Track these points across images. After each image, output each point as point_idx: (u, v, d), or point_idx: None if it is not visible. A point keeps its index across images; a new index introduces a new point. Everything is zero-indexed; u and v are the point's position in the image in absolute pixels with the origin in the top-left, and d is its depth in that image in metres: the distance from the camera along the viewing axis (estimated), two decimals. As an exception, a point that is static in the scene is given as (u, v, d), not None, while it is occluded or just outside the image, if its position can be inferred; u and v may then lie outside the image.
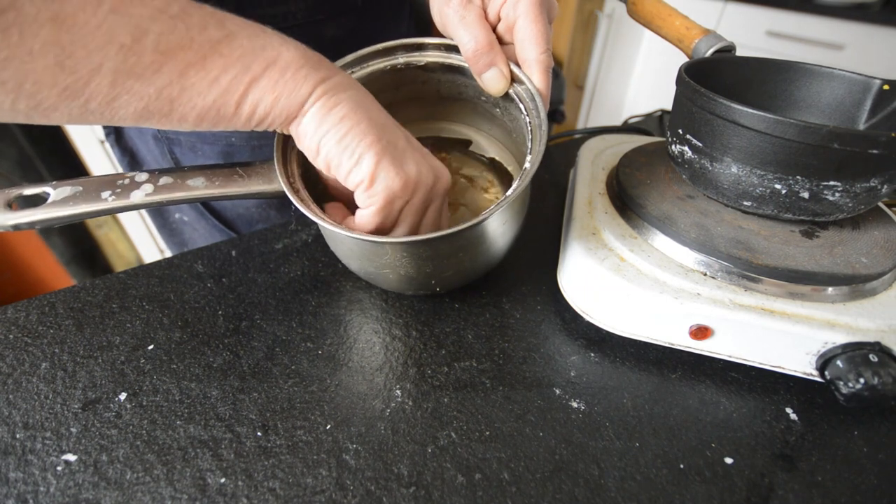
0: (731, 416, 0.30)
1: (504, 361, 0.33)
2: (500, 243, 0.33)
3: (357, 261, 0.33)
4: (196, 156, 0.49)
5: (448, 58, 0.35)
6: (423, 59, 0.35)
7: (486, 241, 0.32)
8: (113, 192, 0.28)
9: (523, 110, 0.32)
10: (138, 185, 0.29)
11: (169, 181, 0.29)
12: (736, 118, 0.30)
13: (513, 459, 0.27)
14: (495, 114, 0.38)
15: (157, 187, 0.29)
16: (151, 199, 0.28)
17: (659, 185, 0.38)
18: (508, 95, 0.33)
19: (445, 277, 0.33)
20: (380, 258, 0.31)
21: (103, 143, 1.17)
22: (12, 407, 0.28)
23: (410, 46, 0.35)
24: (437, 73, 0.37)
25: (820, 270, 0.30)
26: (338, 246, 0.34)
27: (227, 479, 0.26)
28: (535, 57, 0.31)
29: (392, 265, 0.31)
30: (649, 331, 0.32)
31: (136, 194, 0.28)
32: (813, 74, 0.38)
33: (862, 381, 0.27)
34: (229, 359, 0.32)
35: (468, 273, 0.34)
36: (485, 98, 0.37)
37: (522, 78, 0.32)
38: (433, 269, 0.31)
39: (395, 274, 0.32)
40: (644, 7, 0.42)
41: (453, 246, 0.31)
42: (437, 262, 0.31)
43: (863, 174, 0.29)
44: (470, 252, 0.32)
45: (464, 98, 0.39)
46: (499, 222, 0.31)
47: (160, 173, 0.29)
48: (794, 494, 0.26)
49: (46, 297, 0.36)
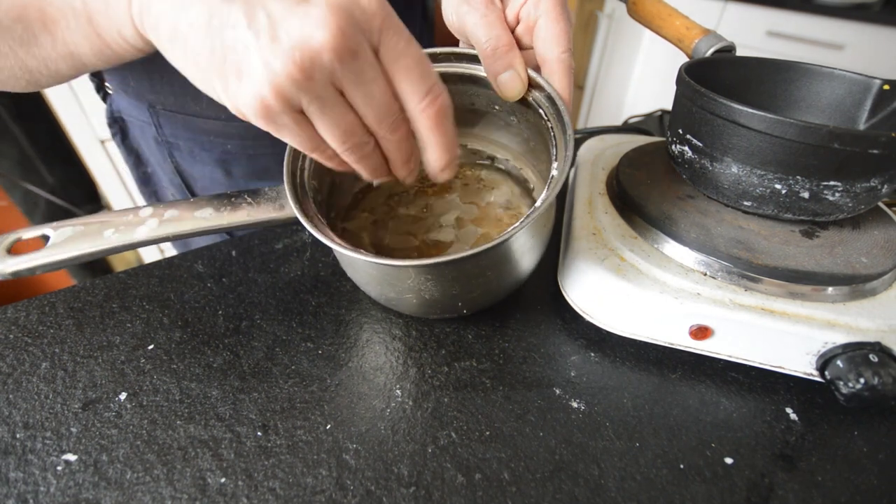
0: (731, 416, 0.30)
1: (504, 361, 0.33)
2: (529, 258, 0.31)
3: (377, 286, 0.31)
4: (194, 160, 0.49)
5: (459, 67, 0.33)
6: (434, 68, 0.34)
7: (516, 257, 0.30)
8: (116, 229, 0.27)
9: (544, 115, 0.30)
10: (143, 220, 0.28)
11: (175, 214, 0.28)
12: (736, 118, 0.30)
13: (513, 459, 0.27)
14: (510, 122, 0.37)
15: (163, 221, 0.28)
16: (157, 234, 0.28)
17: (659, 185, 0.38)
18: (526, 101, 0.31)
19: (472, 299, 0.31)
20: (401, 282, 0.28)
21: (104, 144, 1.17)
22: (12, 407, 0.28)
23: None
24: (448, 84, 0.35)
25: (820, 270, 0.30)
26: (355, 272, 0.32)
27: (227, 478, 0.26)
28: (556, 55, 0.29)
29: (415, 289, 0.29)
30: (649, 331, 0.32)
31: (140, 230, 0.27)
32: (813, 74, 0.38)
33: (862, 381, 0.27)
34: (229, 359, 0.32)
35: (496, 293, 0.32)
36: (498, 107, 0.36)
37: (541, 83, 0.30)
38: (460, 291, 0.29)
39: (418, 298, 0.30)
40: (644, 7, 0.42)
41: (481, 265, 0.28)
42: (463, 282, 0.29)
43: (863, 174, 0.29)
44: (499, 270, 0.30)
45: (476, 108, 0.37)
46: (528, 235, 0.29)
47: (166, 207, 0.28)
48: (794, 494, 0.26)
49: (46, 297, 0.36)
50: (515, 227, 0.26)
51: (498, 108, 0.36)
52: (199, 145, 0.48)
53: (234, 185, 0.50)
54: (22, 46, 0.25)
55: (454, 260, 0.25)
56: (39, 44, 0.25)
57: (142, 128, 0.50)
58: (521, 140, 0.39)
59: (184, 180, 0.52)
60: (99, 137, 1.16)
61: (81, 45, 0.24)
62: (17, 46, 0.25)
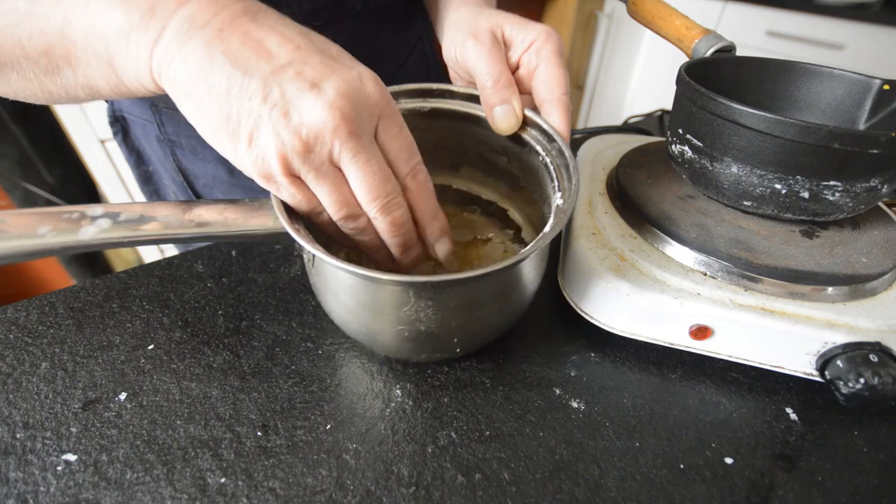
0: (731, 416, 0.30)
1: (504, 361, 0.33)
2: (529, 290, 0.30)
3: (362, 315, 0.26)
4: (197, 158, 0.49)
5: (453, 104, 0.34)
6: (426, 104, 0.34)
7: (520, 286, 0.28)
8: (54, 227, 0.24)
9: (540, 152, 0.31)
10: (91, 219, 0.24)
11: (134, 216, 0.25)
12: (736, 118, 0.30)
13: (513, 459, 0.27)
14: (500, 163, 0.36)
15: (117, 223, 0.24)
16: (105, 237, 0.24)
17: (659, 185, 0.38)
18: (520, 139, 0.32)
19: (470, 334, 0.28)
20: (396, 309, 0.25)
21: (104, 144, 1.17)
22: (12, 407, 0.28)
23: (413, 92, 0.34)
24: (441, 120, 0.35)
25: (820, 270, 0.30)
26: (336, 297, 0.27)
27: (227, 478, 0.26)
28: (556, 96, 0.31)
29: (410, 319, 0.25)
30: (649, 331, 0.32)
31: (86, 231, 0.24)
32: (813, 74, 0.38)
33: (862, 381, 0.27)
34: (229, 359, 0.32)
35: (494, 328, 0.30)
36: (488, 146, 0.36)
37: (538, 121, 0.31)
38: (460, 323, 0.26)
39: (411, 330, 0.26)
40: (644, 7, 0.42)
41: (486, 292, 0.26)
42: (465, 313, 0.26)
43: (863, 174, 0.29)
44: (502, 300, 0.28)
45: (466, 147, 0.37)
46: (532, 265, 0.28)
47: (123, 207, 0.25)
48: (794, 494, 0.26)
49: (46, 297, 0.36)
50: (528, 248, 0.24)
51: (488, 148, 0.36)
52: (202, 143, 0.48)
53: (237, 182, 0.50)
54: (46, 75, 0.26)
55: (467, 278, 0.23)
56: (62, 75, 0.26)
57: (144, 126, 0.50)
58: (509, 181, 0.38)
59: (186, 179, 0.52)
60: (99, 137, 1.16)
61: (100, 81, 0.26)
62: (42, 75, 0.26)
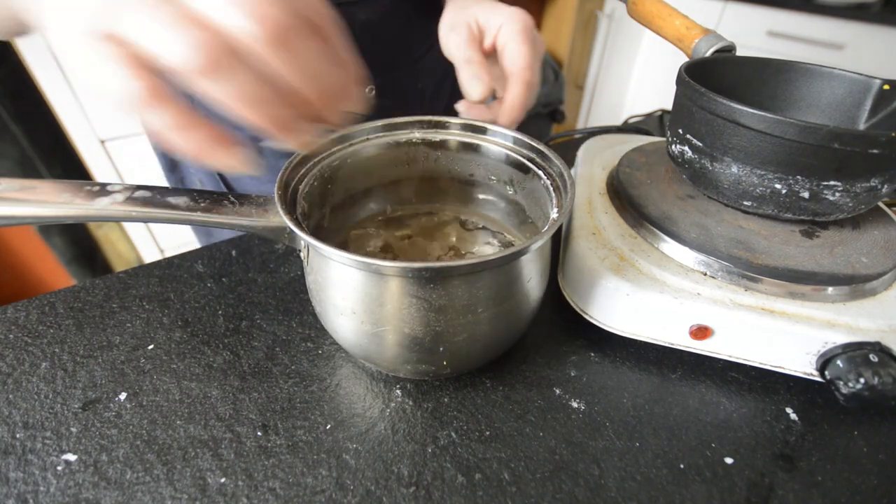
0: (731, 416, 0.30)
1: (504, 361, 0.33)
2: (527, 304, 0.28)
3: (359, 311, 0.26)
4: None
5: (464, 136, 0.36)
6: (437, 135, 0.36)
7: (516, 295, 0.27)
8: (74, 195, 0.25)
9: (542, 175, 0.32)
10: (108, 193, 0.25)
11: (147, 195, 0.26)
12: (736, 118, 0.30)
13: (513, 459, 0.27)
14: (507, 193, 0.38)
15: (130, 199, 0.26)
16: (118, 209, 0.25)
17: (659, 185, 0.38)
18: (523, 166, 0.34)
19: (456, 344, 0.26)
20: (379, 306, 0.25)
21: (104, 144, 1.17)
22: (12, 407, 0.28)
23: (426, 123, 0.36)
24: (451, 152, 0.37)
25: (820, 270, 0.30)
26: (327, 296, 0.27)
27: (227, 478, 0.26)
28: (517, 70, 0.34)
29: (392, 317, 0.25)
30: (649, 331, 0.32)
31: (102, 201, 0.25)
32: (813, 74, 0.38)
33: (862, 381, 0.27)
34: (229, 359, 0.32)
35: (484, 343, 0.28)
36: (496, 178, 0.37)
37: (540, 148, 0.33)
38: (444, 327, 0.25)
39: (396, 333, 0.26)
40: (644, 7, 0.42)
41: (472, 292, 0.25)
42: (450, 316, 0.25)
43: (863, 174, 0.29)
44: (493, 308, 0.26)
45: (474, 179, 0.38)
46: (530, 269, 0.27)
47: (138, 188, 0.26)
48: (794, 494, 0.26)
49: (46, 297, 0.36)
50: (522, 243, 0.24)
51: (495, 180, 0.38)
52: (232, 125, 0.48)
53: (266, 167, 0.50)
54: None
55: (441, 268, 0.23)
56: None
57: None
58: (516, 212, 0.38)
59: None
60: (99, 137, 1.15)
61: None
62: None
